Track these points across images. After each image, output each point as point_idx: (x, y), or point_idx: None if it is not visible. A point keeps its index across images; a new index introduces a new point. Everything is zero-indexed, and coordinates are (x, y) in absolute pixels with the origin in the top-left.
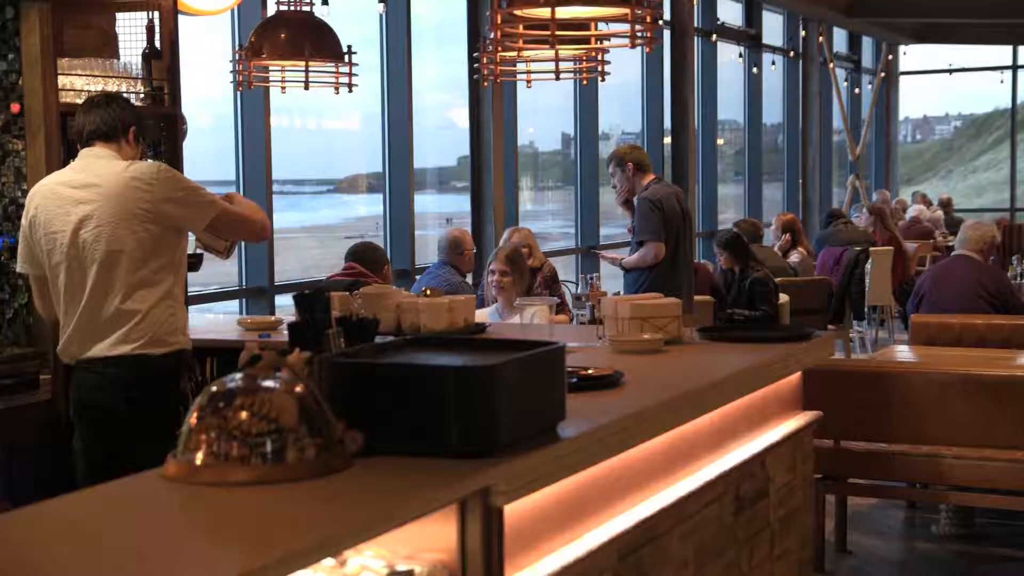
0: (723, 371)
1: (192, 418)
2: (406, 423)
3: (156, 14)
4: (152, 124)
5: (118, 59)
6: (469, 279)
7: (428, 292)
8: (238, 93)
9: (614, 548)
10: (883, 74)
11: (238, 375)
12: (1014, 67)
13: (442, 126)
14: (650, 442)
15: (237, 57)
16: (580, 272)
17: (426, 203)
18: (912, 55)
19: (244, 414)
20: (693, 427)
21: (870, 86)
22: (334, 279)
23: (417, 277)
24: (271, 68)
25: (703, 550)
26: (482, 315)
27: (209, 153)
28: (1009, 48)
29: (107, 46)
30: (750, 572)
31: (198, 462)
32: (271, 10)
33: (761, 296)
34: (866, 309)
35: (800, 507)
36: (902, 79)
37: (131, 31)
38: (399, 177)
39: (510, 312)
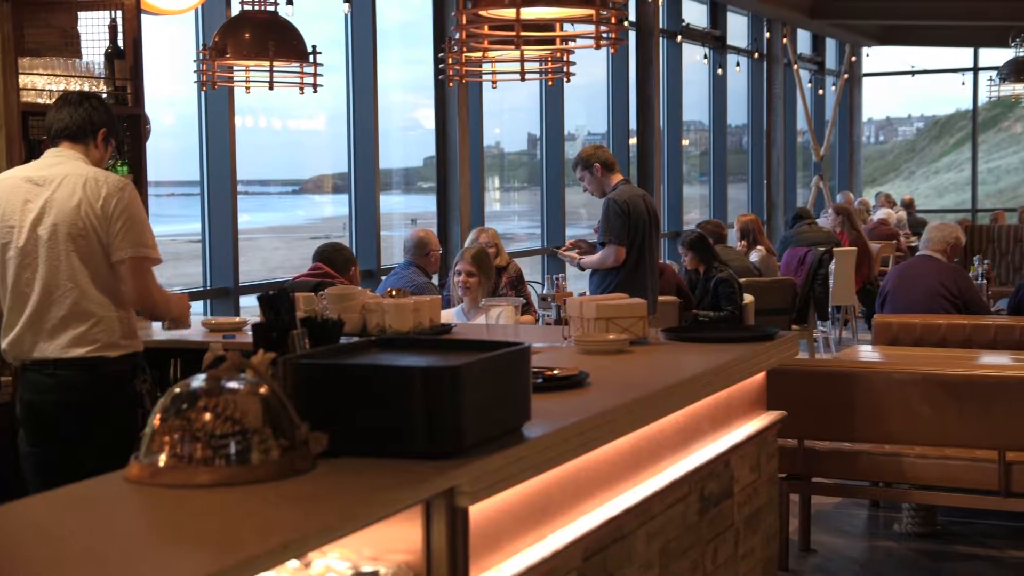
0: (688, 371)
1: (155, 419)
2: (371, 424)
3: (119, 13)
4: None
5: (80, 58)
6: (435, 280)
7: (393, 293)
8: (202, 93)
9: (579, 548)
10: (846, 75)
11: (202, 376)
12: (975, 69)
13: (408, 127)
14: (615, 442)
15: (201, 57)
16: (546, 273)
17: (392, 203)
18: (875, 57)
19: (208, 415)
20: (658, 427)
21: (834, 87)
22: (300, 280)
23: (383, 278)
24: (235, 68)
25: (668, 549)
26: (448, 316)
27: (173, 153)
28: (970, 50)
29: (69, 45)
30: (715, 571)
31: (161, 464)
32: (235, 10)
33: (726, 296)
34: (830, 309)
35: (764, 506)
36: (865, 80)
37: (93, 30)
38: (365, 177)
39: (476, 313)
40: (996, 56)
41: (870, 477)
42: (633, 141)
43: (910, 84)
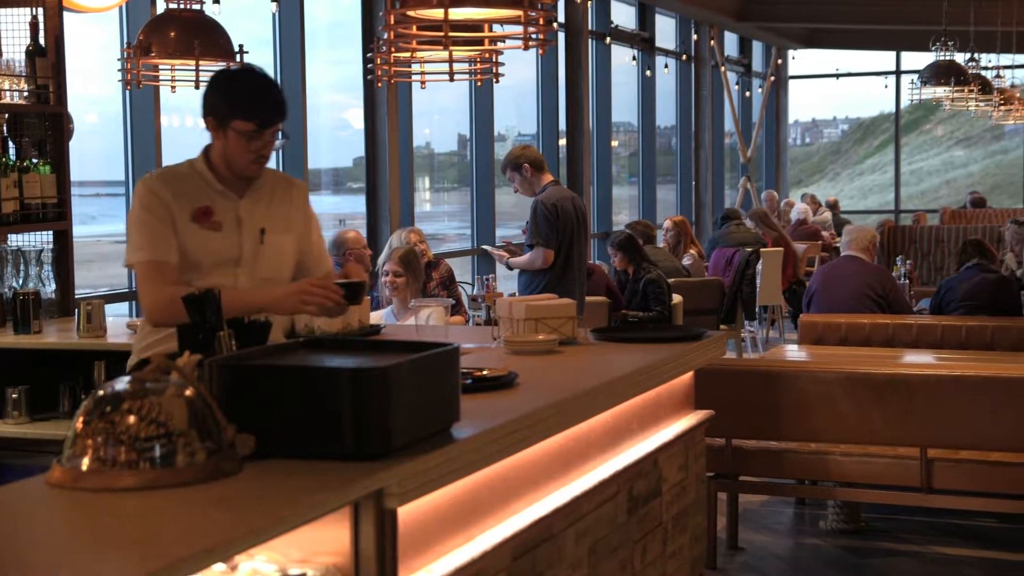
0: (616, 371)
1: (78, 423)
2: (299, 426)
3: (40, 10)
4: (36, 123)
5: (0, 56)
6: None
7: None
8: (126, 92)
9: (508, 548)
10: (773, 78)
11: (126, 378)
12: (897, 72)
13: (337, 127)
14: (544, 442)
15: (125, 55)
16: (476, 273)
17: (322, 204)
18: (801, 60)
19: (132, 418)
20: (587, 427)
21: (760, 89)
22: None
23: None
24: (160, 67)
25: (597, 549)
26: (377, 317)
27: (97, 153)
28: (893, 54)
29: None
30: (643, 570)
31: (84, 468)
32: (160, 7)
33: (655, 297)
34: (757, 309)
35: (692, 505)
36: (791, 83)
37: (14, 27)
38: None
39: (405, 314)
40: (918, 60)
41: (796, 475)
42: (563, 142)
43: (835, 87)
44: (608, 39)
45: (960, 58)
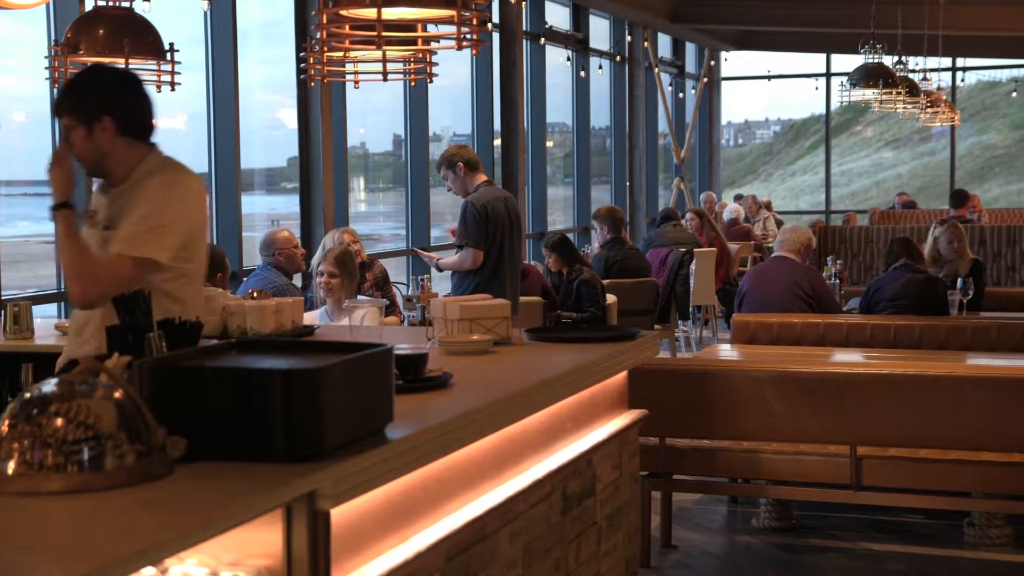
0: (550, 371)
1: (3, 425)
2: (230, 427)
3: None
4: None
5: None
6: (298, 280)
7: (255, 294)
8: (54, 90)
9: (443, 549)
10: (706, 79)
11: (54, 381)
12: (828, 74)
13: (271, 126)
14: (479, 443)
15: (53, 53)
16: (411, 273)
17: (255, 204)
18: (733, 61)
19: (59, 421)
20: (521, 427)
21: (694, 91)
22: None
23: (244, 279)
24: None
25: (531, 549)
26: (311, 317)
27: (25, 152)
28: (823, 56)
29: None
30: (577, 569)
31: (10, 471)
32: (89, 5)
33: (588, 297)
34: (690, 309)
35: (626, 504)
36: (724, 84)
37: None
38: (226, 178)
39: (340, 314)
40: (847, 62)
41: (729, 474)
42: (497, 142)
43: (767, 88)
44: (542, 40)
45: (888, 61)
